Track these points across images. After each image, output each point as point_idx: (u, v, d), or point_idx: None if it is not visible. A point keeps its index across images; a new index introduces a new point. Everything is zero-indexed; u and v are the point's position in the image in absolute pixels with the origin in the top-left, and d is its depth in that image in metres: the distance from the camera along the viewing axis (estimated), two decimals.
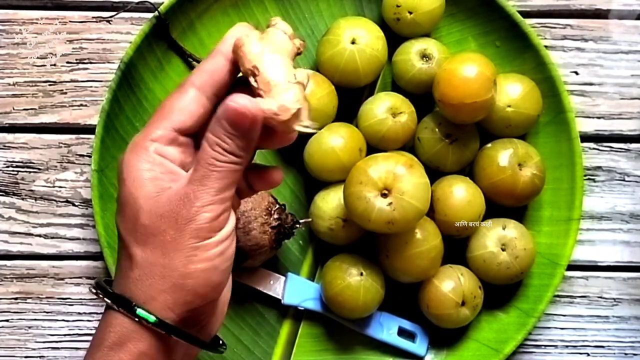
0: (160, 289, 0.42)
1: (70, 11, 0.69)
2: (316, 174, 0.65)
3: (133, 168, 0.43)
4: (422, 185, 0.59)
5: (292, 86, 0.42)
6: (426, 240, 0.62)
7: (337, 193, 0.64)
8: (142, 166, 0.43)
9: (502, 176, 0.64)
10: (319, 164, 0.65)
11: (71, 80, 0.69)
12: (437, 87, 0.63)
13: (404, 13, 0.65)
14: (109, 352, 0.43)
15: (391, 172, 0.59)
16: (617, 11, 0.70)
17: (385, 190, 0.59)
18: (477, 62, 0.62)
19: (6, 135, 0.69)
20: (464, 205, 0.64)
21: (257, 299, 0.68)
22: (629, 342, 0.71)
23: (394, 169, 0.59)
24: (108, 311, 0.44)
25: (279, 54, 0.43)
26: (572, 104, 0.68)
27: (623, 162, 0.71)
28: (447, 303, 0.64)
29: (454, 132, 0.64)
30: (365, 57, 0.64)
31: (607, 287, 0.71)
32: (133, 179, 0.43)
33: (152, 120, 0.44)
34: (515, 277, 0.65)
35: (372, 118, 0.65)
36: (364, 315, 0.65)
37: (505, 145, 0.65)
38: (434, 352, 0.68)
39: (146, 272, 0.42)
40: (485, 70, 0.62)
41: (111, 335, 0.43)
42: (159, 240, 0.42)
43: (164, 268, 0.42)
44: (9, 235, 0.69)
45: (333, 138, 0.64)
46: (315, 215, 0.65)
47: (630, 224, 0.71)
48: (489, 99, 0.62)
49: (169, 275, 0.42)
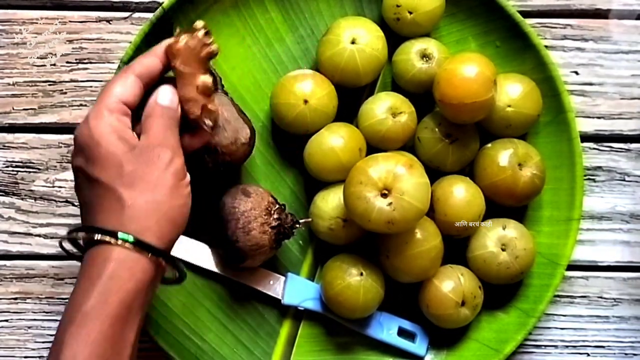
0: (152, 221, 0.51)
1: (70, 11, 0.69)
2: (316, 174, 0.65)
3: (104, 132, 0.52)
4: (422, 185, 0.59)
5: (195, 98, 0.56)
6: (426, 240, 0.62)
7: (337, 193, 0.64)
8: (111, 129, 0.52)
9: (502, 176, 0.64)
10: (319, 164, 0.65)
11: (71, 80, 0.69)
12: (437, 87, 0.63)
13: (404, 13, 0.65)
14: (109, 281, 0.49)
15: (391, 172, 0.58)
16: (617, 11, 0.70)
17: (385, 190, 0.58)
18: (477, 62, 0.62)
19: (6, 135, 0.69)
20: (464, 205, 0.64)
21: (257, 299, 0.68)
22: (629, 342, 0.71)
23: (394, 169, 0.59)
24: (95, 250, 0.50)
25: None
26: (572, 104, 0.68)
27: (623, 162, 0.71)
28: (447, 303, 0.64)
29: (454, 132, 0.64)
30: (365, 57, 0.64)
31: (607, 287, 0.71)
32: (107, 141, 0.52)
33: (103, 96, 0.54)
34: (515, 277, 0.65)
35: (372, 118, 0.65)
36: (364, 315, 0.65)
37: (505, 145, 0.65)
38: (434, 352, 0.68)
39: (137, 208, 0.50)
40: (486, 70, 0.62)
41: (109, 266, 0.49)
42: (145, 182, 0.51)
43: (153, 204, 0.51)
44: (8, 235, 0.69)
45: (333, 138, 0.64)
46: (315, 215, 0.65)
47: (630, 224, 0.71)
48: (489, 99, 0.62)
49: (157, 210, 0.51)
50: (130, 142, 0.53)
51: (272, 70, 0.69)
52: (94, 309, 0.48)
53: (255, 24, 0.68)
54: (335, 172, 0.64)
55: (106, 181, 0.51)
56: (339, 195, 0.63)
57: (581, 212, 0.67)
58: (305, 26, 0.69)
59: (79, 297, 0.49)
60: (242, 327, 0.68)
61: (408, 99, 0.66)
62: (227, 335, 0.67)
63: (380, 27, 0.66)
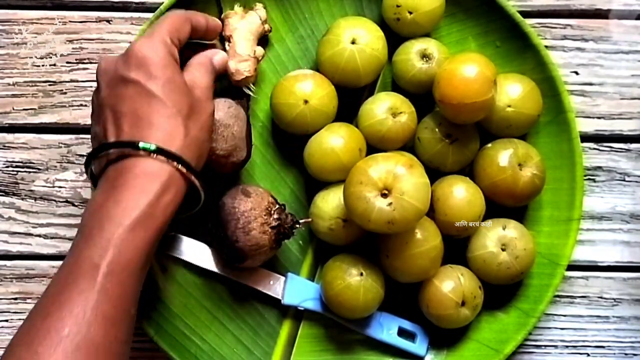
0: (186, 143, 0.55)
1: (70, 11, 0.69)
2: (316, 174, 0.65)
3: (165, 54, 0.56)
4: (422, 185, 0.59)
5: (249, 59, 0.64)
6: (426, 241, 0.62)
7: (337, 193, 0.64)
8: (169, 52, 0.56)
9: (502, 176, 0.64)
10: (319, 164, 0.65)
11: (71, 80, 0.69)
12: (437, 87, 0.63)
13: (404, 13, 0.65)
14: (162, 195, 0.53)
15: (391, 172, 0.58)
16: (617, 11, 0.70)
17: (385, 190, 0.58)
18: (477, 62, 0.62)
19: (6, 135, 0.69)
20: (464, 205, 0.64)
21: (257, 299, 0.68)
22: (629, 342, 0.71)
23: (394, 169, 0.59)
24: (139, 166, 0.53)
25: (249, 32, 0.65)
26: (573, 104, 0.68)
27: (623, 162, 0.71)
28: (447, 303, 0.64)
29: (454, 132, 0.64)
30: (365, 57, 0.64)
31: (607, 287, 0.71)
32: (168, 63, 0.56)
33: (164, 26, 0.57)
34: (515, 277, 0.65)
35: (372, 118, 0.65)
36: (364, 315, 0.65)
37: (505, 145, 0.65)
38: (434, 352, 0.68)
39: (177, 132, 0.55)
40: (486, 70, 0.62)
41: (161, 181, 0.53)
42: (187, 107, 0.56)
43: (191, 128, 0.56)
44: (8, 236, 0.69)
45: (333, 138, 0.64)
46: (315, 215, 0.65)
47: (630, 224, 0.71)
48: (489, 99, 0.62)
49: (190, 133, 0.55)
50: (178, 68, 0.57)
51: (272, 70, 0.69)
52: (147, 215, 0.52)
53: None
54: (335, 172, 0.64)
55: (162, 96, 0.54)
56: (339, 195, 0.63)
57: (581, 212, 0.67)
58: (305, 26, 0.69)
59: (123, 205, 0.52)
60: (242, 327, 0.68)
61: (408, 99, 0.66)
62: (227, 335, 0.67)
63: (381, 27, 0.66)
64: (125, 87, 0.54)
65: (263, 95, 0.68)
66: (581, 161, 0.67)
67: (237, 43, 0.64)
